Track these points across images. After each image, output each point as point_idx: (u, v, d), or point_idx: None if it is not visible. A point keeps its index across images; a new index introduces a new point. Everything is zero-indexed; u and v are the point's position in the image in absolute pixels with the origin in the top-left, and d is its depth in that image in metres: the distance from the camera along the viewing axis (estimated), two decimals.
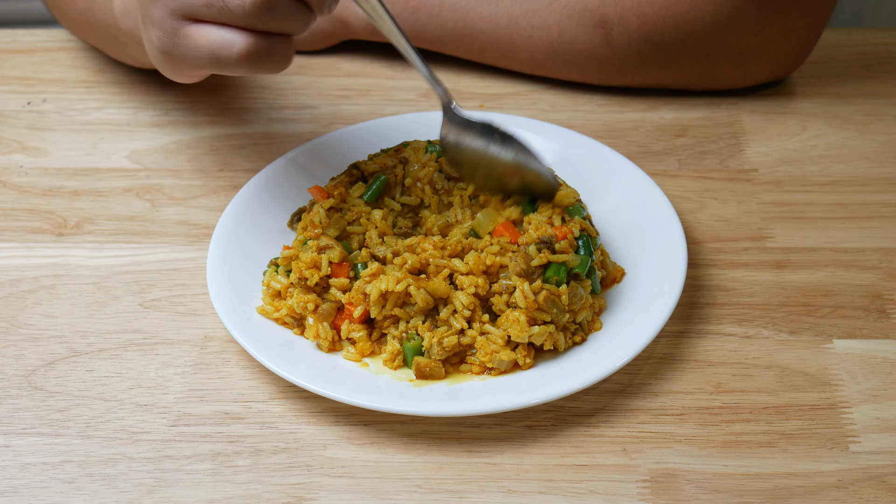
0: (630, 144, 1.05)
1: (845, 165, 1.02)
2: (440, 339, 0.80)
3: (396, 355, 0.82)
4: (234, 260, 0.88)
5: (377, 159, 0.91)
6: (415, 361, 0.80)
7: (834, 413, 0.79)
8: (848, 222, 0.96)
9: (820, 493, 0.74)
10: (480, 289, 0.81)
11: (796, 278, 0.90)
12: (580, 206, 0.87)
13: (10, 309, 0.89)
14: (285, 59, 0.76)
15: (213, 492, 0.75)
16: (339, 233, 0.88)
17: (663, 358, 0.84)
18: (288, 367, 0.79)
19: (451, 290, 0.82)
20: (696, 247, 0.93)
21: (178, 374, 0.84)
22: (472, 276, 0.82)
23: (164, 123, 1.09)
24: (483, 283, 0.81)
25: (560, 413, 0.80)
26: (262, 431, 0.79)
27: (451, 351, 0.81)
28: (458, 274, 0.82)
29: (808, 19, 1.04)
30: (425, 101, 1.11)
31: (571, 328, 0.83)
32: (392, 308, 0.82)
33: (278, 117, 1.10)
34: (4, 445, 0.79)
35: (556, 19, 1.06)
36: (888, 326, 0.86)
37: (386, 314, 0.82)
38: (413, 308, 0.82)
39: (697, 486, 0.75)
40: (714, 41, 1.03)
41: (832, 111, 1.08)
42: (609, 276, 0.88)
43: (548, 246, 0.82)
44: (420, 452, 0.78)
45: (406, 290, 0.81)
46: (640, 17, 1.03)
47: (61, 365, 0.85)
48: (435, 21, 1.10)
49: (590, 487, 0.75)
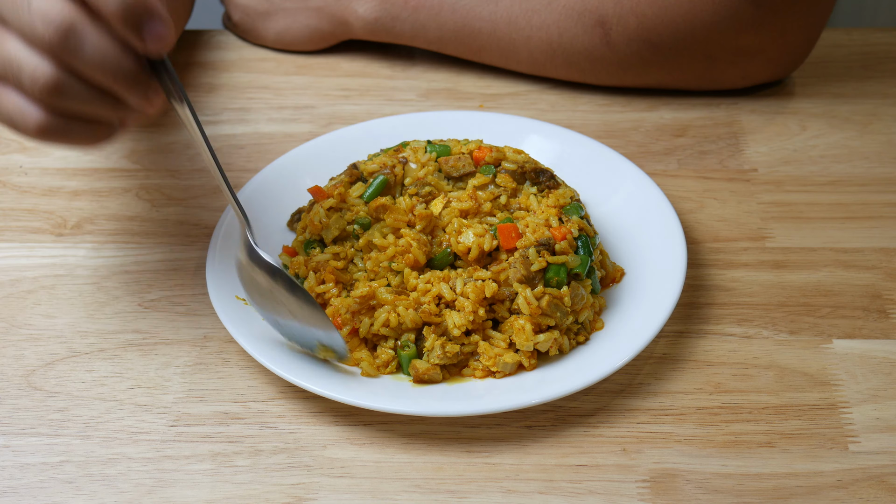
0: (630, 144, 1.05)
1: (845, 165, 1.02)
2: (443, 343, 0.80)
3: (389, 361, 0.82)
4: (233, 260, 0.88)
5: (377, 159, 0.91)
6: (412, 365, 0.80)
7: (834, 413, 0.79)
8: (848, 222, 0.96)
9: (820, 493, 0.74)
10: (478, 317, 0.81)
11: (796, 278, 0.90)
12: (578, 206, 0.87)
13: (9, 309, 0.89)
14: (89, 140, 0.72)
15: (213, 492, 0.75)
16: (339, 233, 0.88)
17: (663, 358, 0.84)
18: (288, 367, 0.79)
19: (443, 311, 0.82)
20: (696, 247, 0.93)
21: (177, 374, 0.84)
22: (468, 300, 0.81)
23: (165, 123, 1.09)
24: (482, 314, 0.81)
25: (560, 413, 0.80)
26: (261, 431, 0.79)
27: (454, 359, 0.81)
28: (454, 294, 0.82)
29: (807, 20, 1.04)
30: (425, 101, 1.11)
31: (574, 328, 0.83)
32: (379, 328, 0.82)
33: (278, 117, 1.10)
34: (4, 445, 0.79)
35: (555, 19, 1.06)
36: (888, 326, 0.86)
37: (374, 332, 0.82)
38: (402, 326, 0.82)
39: (697, 486, 0.75)
40: (713, 41, 1.03)
41: (832, 111, 1.08)
42: (609, 276, 0.88)
43: (546, 248, 0.82)
44: (420, 452, 0.78)
45: (394, 312, 0.81)
46: (640, 17, 1.03)
47: (61, 365, 0.85)
48: (434, 21, 1.10)
49: (589, 487, 0.75)
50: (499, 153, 0.90)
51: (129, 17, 0.67)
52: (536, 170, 0.90)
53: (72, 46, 0.67)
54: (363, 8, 1.12)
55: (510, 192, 0.88)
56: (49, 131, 0.70)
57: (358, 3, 1.12)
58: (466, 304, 0.80)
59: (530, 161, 0.90)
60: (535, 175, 0.89)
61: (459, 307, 0.81)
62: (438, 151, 0.91)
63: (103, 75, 0.68)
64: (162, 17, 0.68)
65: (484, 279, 0.82)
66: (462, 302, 0.81)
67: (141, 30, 0.67)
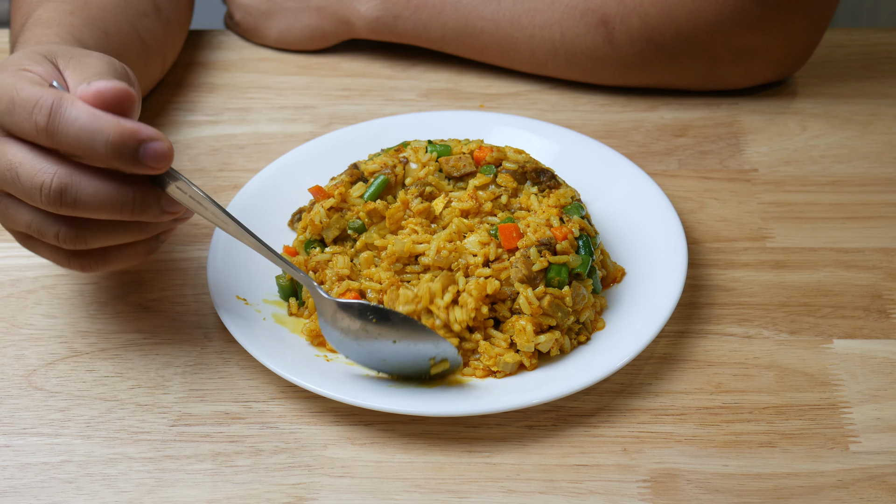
0: (630, 144, 1.05)
1: (845, 165, 1.02)
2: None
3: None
4: (234, 260, 0.88)
5: (377, 159, 0.91)
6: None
7: (834, 413, 0.79)
8: (848, 222, 0.96)
9: (820, 493, 0.74)
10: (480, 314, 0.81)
11: (796, 278, 0.90)
12: (578, 205, 0.87)
13: (10, 309, 0.89)
14: (135, 258, 0.76)
15: (214, 492, 0.75)
16: (339, 233, 0.88)
17: (663, 358, 0.84)
18: (288, 367, 0.79)
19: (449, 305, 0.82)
20: (696, 247, 0.93)
21: (178, 374, 0.84)
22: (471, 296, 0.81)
23: (165, 123, 1.09)
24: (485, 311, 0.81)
25: (560, 413, 0.80)
26: (262, 431, 0.79)
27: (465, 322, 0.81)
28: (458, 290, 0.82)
29: (810, 20, 1.04)
30: (425, 101, 1.11)
31: (576, 328, 0.83)
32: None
33: (279, 117, 1.10)
34: (4, 445, 0.79)
35: (557, 18, 1.06)
36: (888, 326, 0.86)
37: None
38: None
39: (697, 486, 0.75)
40: (716, 41, 1.03)
41: (832, 111, 1.08)
42: (609, 276, 0.88)
43: (548, 247, 0.82)
44: (420, 452, 0.78)
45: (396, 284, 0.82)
46: (643, 17, 1.03)
47: (61, 365, 0.85)
48: (436, 20, 1.10)
49: (590, 487, 0.75)
50: (499, 153, 0.90)
51: (121, 154, 0.69)
52: (537, 170, 0.90)
53: (69, 202, 0.70)
54: (365, 7, 1.12)
55: (511, 191, 0.88)
56: (91, 265, 0.75)
57: (360, 3, 1.12)
58: (469, 300, 0.80)
59: (531, 161, 0.90)
60: (536, 175, 0.89)
61: (462, 303, 0.81)
62: (439, 151, 0.91)
63: (110, 214, 0.71)
64: (153, 136, 0.69)
65: (486, 276, 0.82)
66: (465, 298, 0.81)
67: (137, 158, 0.69)
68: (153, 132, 0.69)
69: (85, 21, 0.92)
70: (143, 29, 1.02)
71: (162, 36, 1.07)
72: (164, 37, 1.07)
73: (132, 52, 1.00)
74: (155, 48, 1.05)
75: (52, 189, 0.69)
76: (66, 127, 0.68)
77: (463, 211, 0.86)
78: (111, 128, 0.68)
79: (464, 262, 0.82)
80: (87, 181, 0.70)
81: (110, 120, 0.68)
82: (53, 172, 0.69)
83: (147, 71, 1.05)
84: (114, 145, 0.68)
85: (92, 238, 0.73)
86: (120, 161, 0.69)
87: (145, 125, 0.69)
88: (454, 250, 0.82)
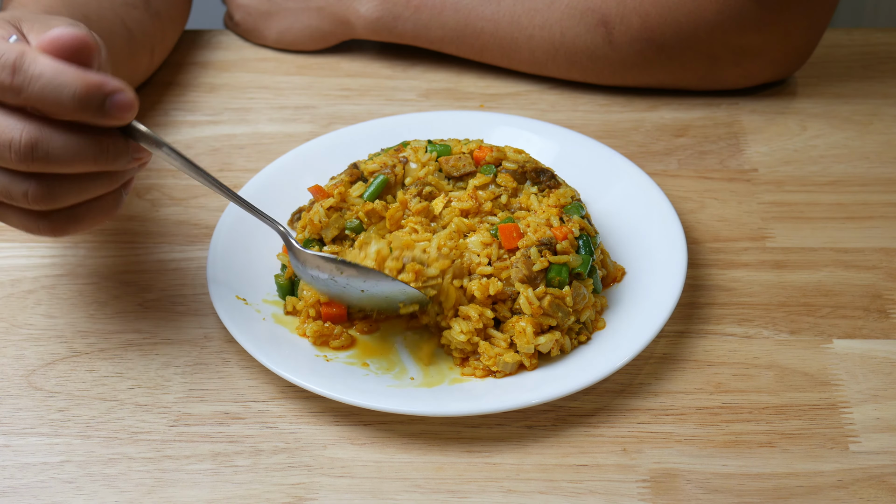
0: (630, 144, 1.05)
1: (845, 165, 1.02)
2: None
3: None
4: (234, 260, 0.88)
5: (377, 159, 0.91)
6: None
7: (834, 413, 0.79)
8: (848, 222, 0.96)
9: (820, 493, 0.74)
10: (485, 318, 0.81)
11: (796, 278, 0.90)
12: (578, 205, 0.87)
13: (10, 309, 0.89)
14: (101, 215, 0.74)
15: (213, 492, 0.75)
16: (338, 232, 0.88)
17: (663, 358, 0.84)
18: (288, 367, 0.79)
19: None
20: (696, 247, 0.93)
21: (178, 374, 0.84)
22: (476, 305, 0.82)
23: (164, 123, 1.09)
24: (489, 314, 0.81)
25: (560, 413, 0.80)
26: (262, 431, 0.79)
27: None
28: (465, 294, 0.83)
29: (811, 20, 1.04)
30: (425, 101, 1.11)
31: (576, 328, 0.83)
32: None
33: (279, 117, 1.10)
34: (4, 445, 0.79)
35: (557, 18, 1.06)
36: (888, 326, 0.86)
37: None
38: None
39: (697, 486, 0.75)
40: (716, 41, 1.03)
41: (832, 111, 1.08)
42: (609, 276, 0.88)
43: (548, 247, 0.82)
44: (420, 452, 0.78)
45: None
46: (643, 17, 1.03)
47: (61, 365, 0.85)
48: (436, 20, 1.10)
49: (590, 487, 0.75)
50: (499, 153, 0.90)
51: (87, 105, 0.68)
52: (537, 169, 0.90)
53: (41, 157, 0.69)
54: (365, 7, 1.12)
55: (511, 191, 0.88)
56: (62, 227, 0.73)
57: (360, 3, 1.12)
58: (473, 313, 0.80)
59: (531, 161, 0.90)
60: (536, 175, 0.89)
61: (464, 315, 0.81)
62: (439, 151, 0.91)
63: (83, 166, 0.70)
64: (118, 88, 0.68)
65: (488, 275, 0.82)
66: (466, 311, 0.81)
67: (104, 110, 0.68)
68: (118, 83, 0.68)
69: (65, 3, 0.92)
70: (128, 18, 1.02)
71: (150, 28, 1.06)
72: (152, 29, 1.07)
73: (117, 40, 1.00)
74: (141, 39, 1.05)
75: (22, 144, 0.68)
76: (32, 83, 0.67)
77: (463, 211, 0.86)
78: (77, 81, 0.67)
79: (466, 262, 0.82)
80: (57, 135, 0.69)
81: (76, 73, 0.67)
82: (22, 128, 0.68)
83: (133, 61, 1.05)
84: (80, 98, 0.67)
85: (62, 193, 0.71)
86: (87, 114, 0.68)
87: (110, 77, 0.68)
88: (454, 248, 0.82)
